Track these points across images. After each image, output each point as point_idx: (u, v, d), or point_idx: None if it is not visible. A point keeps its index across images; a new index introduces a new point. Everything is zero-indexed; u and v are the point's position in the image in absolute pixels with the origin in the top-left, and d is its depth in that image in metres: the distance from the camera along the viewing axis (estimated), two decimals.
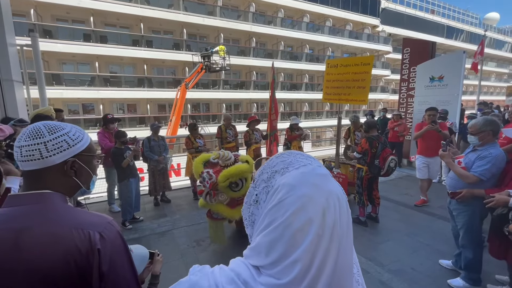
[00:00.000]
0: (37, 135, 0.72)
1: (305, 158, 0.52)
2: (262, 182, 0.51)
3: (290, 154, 0.54)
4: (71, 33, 13.78)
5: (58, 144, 0.73)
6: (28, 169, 0.72)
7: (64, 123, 0.78)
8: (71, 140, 0.76)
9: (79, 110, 15.57)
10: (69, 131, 0.76)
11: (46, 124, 0.75)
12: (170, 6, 15.79)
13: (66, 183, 0.76)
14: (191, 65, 16.54)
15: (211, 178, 2.71)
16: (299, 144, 6.01)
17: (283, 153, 0.55)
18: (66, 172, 0.75)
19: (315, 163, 0.52)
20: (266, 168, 0.53)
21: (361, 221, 3.74)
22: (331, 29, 21.77)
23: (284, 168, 0.50)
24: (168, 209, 4.42)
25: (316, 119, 22.05)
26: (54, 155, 0.72)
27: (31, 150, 0.71)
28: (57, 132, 0.74)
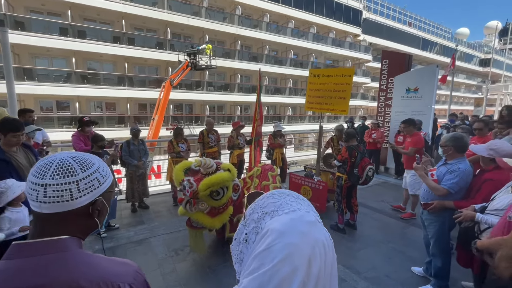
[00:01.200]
0: (68, 172, 0.62)
1: (295, 201, 0.53)
2: (252, 221, 0.52)
3: (281, 195, 0.54)
4: (46, 26, 13.03)
5: (90, 183, 0.65)
6: (46, 212, 0.61)
7: (91, 156, 0.69)
8: (102, 178, 0.67)
9: (53, 108, 14.75)
10: (98, 166, 0.68)
11: (77, 158, 0.65)
12: (154, 4, 15.42)
13: (85, 225, 0.67)
14: (175, 64, 16.26)
15: (191, 186, 2.66)
16: (281, 150, 6.07)
17: (274, 193, 0.56)
18: (90, 213, 0.66)
19: (304, 207, 0.53)
20: (257, 208, 0.53)
21: (340, 228, 3.84)
22: (315, 36, 22.28)
23: (274, 210, 0.51)
24: (146, 216, 4.29)
25: (299, 123, 22.41)
26: (84, 195, 0.63)
27: (61, 190, 0.61)
28: (90, 169, 0.65)
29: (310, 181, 4.34)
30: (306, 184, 4.40)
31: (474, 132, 3.94)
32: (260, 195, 0.64)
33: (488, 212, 1.97)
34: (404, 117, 6.71)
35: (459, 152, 2.38)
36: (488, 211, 1.97)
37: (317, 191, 4.24)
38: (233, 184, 2.89)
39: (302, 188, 4.46)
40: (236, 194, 3.02)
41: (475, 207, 2.02)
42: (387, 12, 28.98)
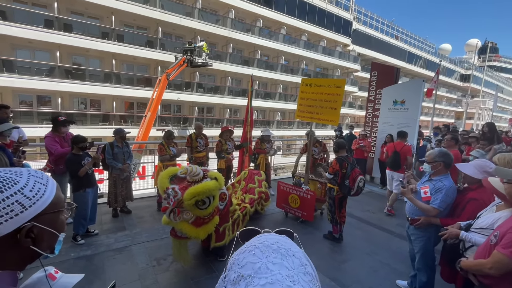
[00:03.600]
0: None
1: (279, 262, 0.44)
2: (229, 282, 0.44)
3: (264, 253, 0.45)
4: (30, 17, 12.47)
5: (8, 208, 0.54)
6: None
7: (19, 170, 0.58)
8: (27, 200, 0.56)
9: (33, 102, 14.08)
10: (24, 185, 0.57)
11: None
12: (146, 2, 15.12)
13: (18, 255, 0.57)
14: (165, 64, 16.01)
15: (176, 195, 2.56)
16: (267, 160, 5.98)
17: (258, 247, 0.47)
18: (19, 242, 0.56)
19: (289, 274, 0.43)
20: (235, 265, 0.46)
21: (335, 237, 3.85)
22: (306, 43, 22.60)
23: (250, 275, 0.43)
24: (128, 222, 4.11)
25: (288, 128, 22.55)
26: (0, 223, 0.53)
27: None
28: (6, 191, 0.54)
29: (299, 190, 4.33)
30: (294, 192, 4.38)
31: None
32: (255, 233, 0.58)
33: (473, 230, 2.00)
34: (391, 128, 6.90)
35: (447, 168, 2.42)
36: (473, 229, 2.00)
37: (305, 200, 4.23)
38: (220, 193, 2.82)
39: (290, 197, 4.44)
40: (222, 203, 2.94)
41: (460, 224, 2.05)
42: (376, 24, 29.88)
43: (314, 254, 3.50)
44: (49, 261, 2.84)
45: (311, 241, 3.88)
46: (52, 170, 3.70)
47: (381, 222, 4.69)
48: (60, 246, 0.67)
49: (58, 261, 2.93)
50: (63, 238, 0.67)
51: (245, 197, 4.34)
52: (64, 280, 0.77)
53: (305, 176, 4.69)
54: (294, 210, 4.41)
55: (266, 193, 4.66)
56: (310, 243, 3.80)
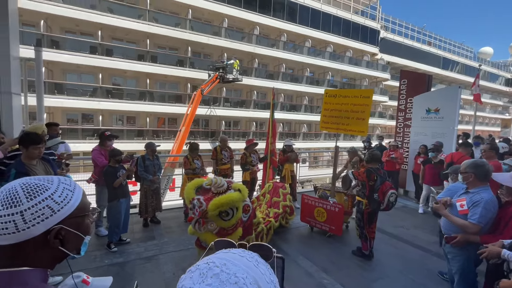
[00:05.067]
0: (12, 203, 0.59)
1: None
2: None
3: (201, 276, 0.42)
4: (78, 45, 14.08)
5: (39, 212, 0.60)
6: (1, 244, 0.59)
7: (51, 178, 0.66)
8: (56, 204, 0.62)
9: (78, 120, 15.58)
10: (54, 191, 0.63)
11: (26, 185, 0.61)
12: (177, 25, 16.31)
13: (47, 256, 0.63)
14: (195, 81, 16.90)
15: (201, 205, 2.65)
16: (291, 167, 5.94)
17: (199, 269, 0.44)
18: (49, 243, 0.62)
19: None
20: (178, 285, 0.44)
21: (365, 254, 3.65)
22: (331, 55, 22.45)
23: None
24: (157, 231, 4.29)
25: (314, 140, 22.18)
26: (32, 226, 0.59)
27: (4, 222, 0.58)
28: (38, 196, 0.60)
29: (325, 203, 4.19)
30: (320, 205, 4.25)
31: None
32: (230, 246, 0.57)
33: None
34: (425, 139, 6.50)
35: (481, 180, 2.22)
36: None
37: (333, 213, 4.08)
38: (243, 204, 2.85)
39: (316, 210, 4.31)
40: (246, 215, 2.96)
41: (503, 242, 1.85)
42: (405, 31, 28.86)
43: (342, 270, 3.34)
44: (85, 266, 3.05)
45: (338, 256, 3.71)
46: (96, 180, 4.04)
47: (415, 239, 4.35)
48: (86, 248, 0.74)
49: (93, 267, 3.14)
50: (88, 240, 0.74)
51: (269, 211, 4.32)
52: (97, 284, 0.86)
53: (331, 188, 4.56)
54: (321, 224, 4.26)
55: (290, 206, 4.59)
56: (337, 258, 3.63)
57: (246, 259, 0.49)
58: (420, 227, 4.84)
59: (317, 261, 3.53)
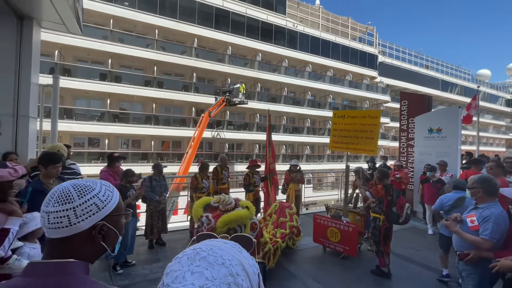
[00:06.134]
0: (66, 200, 0.66)
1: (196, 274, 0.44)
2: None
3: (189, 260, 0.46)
4: (88, 72, 14.76)
5: (88, 208, 0.67)
6: (53, 237, 0.66)
7: (92, 182, 0.73)
8: (101, 202, 0.70)
9: (85, 144, 15.85)
10: (98, 191, 0.71)
11: (76, 185, 0.69)
12: (183, 53, 17.15)
13: (90, 249, 0.70)
14: (199, 105, 17.37)
15: (209, 223, 2.66)
16: (297, 187, 5.97)
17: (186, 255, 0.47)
18: (93, 237, 0.69)
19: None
20: (165, 272, 0.47)
21: (383, 272, 3.55)
22: (332, 78, 23.16)
23: (168, 284, 0.43)
24: (163, 253, 4.23)
25: (318, 162, 22.13)
26: (82, 221, 0.67)
27: (60, 217, 0.65)
28: (87, 195, 0.69)
29: (339, 223, 4.14)
30: (333, 225, 4.19)
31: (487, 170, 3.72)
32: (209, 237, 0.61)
33: None
34: (429, 158, 6.52)
35: (489, 195, 2.24)
36: None
37: (347, 233, 4.02)
38: (251, 222, 2.86)
39: (329, 230, 4.24)
40: (253, 233, 2.95)
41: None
42: (402, 56, 29.91)
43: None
44: None
45: (351, 278, 3.60)
46: None
47: (427, 260, 4.22)
48: (119, 246, 0.80)
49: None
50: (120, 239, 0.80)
51: (276, 231, 4.27)
52: None
53: (344, 208, 4.53)
54: (335, 245, 4.17)
55: (297, 227, 4.53)
56: (349, 281, 3.52)
57: (230, 246, 0.53)
58: (430, 248, 4.70)
59: (329, 283, 3.43)
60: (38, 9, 3.54)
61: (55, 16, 3.70)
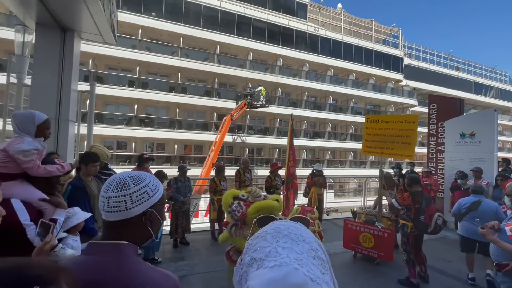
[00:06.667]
0: (124, 187, 0.74)
1: (289, 247, 0.46)
2: (244, 265, 0.48)
3: (275, 238, 0.48)
4: (118, 80, 15.70)
5: (141, 195, 0.75)
6: (111, 220, 0.74)
7: (144, 174, 0.81)
8: (151, 191, 0.78)
9: (114, 147, 16.74)
10: (149, 181, 0.79)
11: (131, 175, 0.78)
12: (206, 59, 17.71)
13: (140, 233, 0.78)
14: (220, 110, 17.75)
15: (241, 209, 2.69)
16: (319, 191, 5.92)
17: (269, 232, 0.50)
18: (143, 222, 0.77)
19: (297, 257, 0.45)
20: (249, 249, 0.49)
21: (412, 283, 3.42)
22: (354, 82, 22.66)
23: (261, 259, 0.46)
24: (186, 252, 4.35)
25: (339, 168, 21.60)
26: (136, 206, 0.74)
27: (118, 201, 0.73)
28: (140, 183, 0.77)
29: (372, 228, 4.05)
30: (367, 231, 4.10)
31: None
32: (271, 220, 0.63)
33: None
34: (462, 164, 6.17)
35: None
36: None
37: (381, 238, 3.93)
38: (279, 215, 2.88)
39: (361, 236, 4.15)
40: None
41: None
42: (430, 57, 28.59)
43: None
44: None
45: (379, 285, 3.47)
46: None
47: (458, 272, 3.97)
48: (161, 234, 0.91)
49: None
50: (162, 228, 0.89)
51: None
52: None
53: (378, 213, 4.42)
54: (368, 251, 4.08)
55: (319, 232, 4.45)
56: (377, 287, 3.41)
57: (299, 225, 0.56)
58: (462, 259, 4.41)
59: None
60: (80, 22, 3.86)
61: (94, 28, 4.02)
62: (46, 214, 1.76)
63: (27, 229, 1.58)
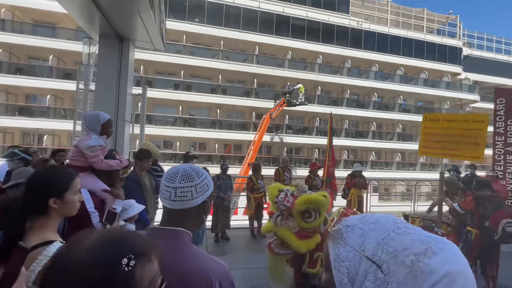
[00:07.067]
0: (189, 178, 0.80)
1: (425, 234, 0.48)
2: (402, 267, 0.45)
3: (412, 229, 0.49)
4: (164, 83, 16.95)
5: (203, 187, 0.82)
6: (176, 208, 0.80)
7: (201, 169, 0.89)
8: (209, 183, 0.86)
9: (161, 146, 18.10)
10: (206, 175, 0.86)
11: (193, 168, 0.84)
12: (245, 60, 18.09)
13: (196, 222, 0.86)
14: (259, 110, 17.96)
15: (288, 200, 2.69)
16: (359, 192, 5.60)
17: (400, 227, 0.50)
18: (200, 212, 0.84)
19: (437, 241, 0.47)
20: (401, 251, 0.47)
21: None
22: (402, 77, 20.95)
23: (426, 249, 0.46)
24: (227, 248, 4.51)
25: (385, 170, 20.17)
26: (198, 196, 0.81)
27: (186, 191, 0.79)
28: (201, 176, 0.83)
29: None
30: None
31: None
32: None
33: None
34: None
35: None
36: None
37: None
38: (325, 212, 2.81)
39: None
40: (324, 227, 2.88)
41: None
42: (496, 46, 25.02)
43: None
44: None
45: None
46: None
47: None
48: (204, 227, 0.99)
49: None
50: None
51: None
52: None
53: (437, 218, 4.07)
54: None
55: None
56: None
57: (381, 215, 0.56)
58: None
59: None
60: (135, 31, 4.26)
61: (146, 36, 4.39)
62: (107, 203, 1.98)
63: (92, 216, 1.80)
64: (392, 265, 0.46)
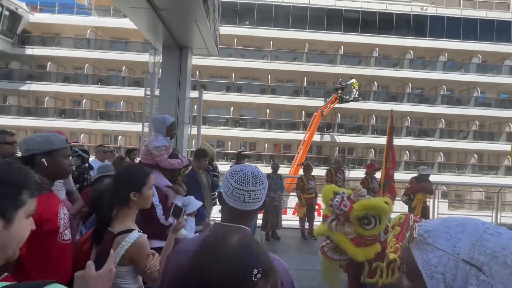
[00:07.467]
0: (260, 181, 0.83)
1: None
2: (504, 267, 0.44)
3: (502, 230, 0.49)
4: (217, 86, 17.91)
5: (266, 188, 0.86)
6: (245, 209, 0.84)
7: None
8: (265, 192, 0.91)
9: (214, 145, 19.19)
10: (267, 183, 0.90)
11: (258, 171, 0.87)
12: (294, 59, 17.91)
13: (251, 221, 0.92)
14: (309, 109, 17.58)
15: (345, 205, 2.57)
16: (424, 198, 4.99)
17: (486, 231, 0.48)
18: (258, 210, 0.88)
19: None
20: (499, 251, 0.45)
21: None
22: (480, 66, 17.97)
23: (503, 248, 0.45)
24: (278, 247, 4.54)
25: (456, 173, 17.58)
26: (263, 199, 0.85)
27: (259, 194, 0.82)
28: (265, 178, 0.88)
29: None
30: None
31: None
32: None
33: None
34: None
35: None
36: None
37: None
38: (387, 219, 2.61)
39: None
40: (384, 236, 2.67)
41: None
42: None
43: None
44: None
45: None
46: None
47: None
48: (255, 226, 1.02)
49: None
50: None
51: (399, 246, 3.72)
52: None
53: None
54: None
55: None
56: None
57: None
58: None
59: None
60: (192, 40, 4.61)
61: (202, 43, 4.72)
62: (169, 198, 2.20)
63: (157, 209, 2.03)
64: (494, 266, 0.44)
